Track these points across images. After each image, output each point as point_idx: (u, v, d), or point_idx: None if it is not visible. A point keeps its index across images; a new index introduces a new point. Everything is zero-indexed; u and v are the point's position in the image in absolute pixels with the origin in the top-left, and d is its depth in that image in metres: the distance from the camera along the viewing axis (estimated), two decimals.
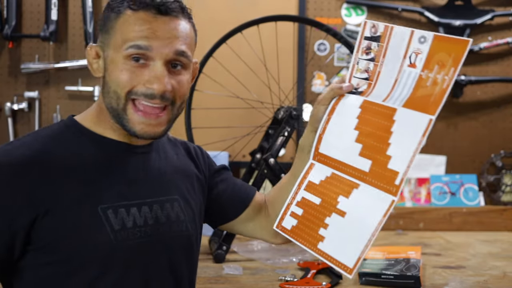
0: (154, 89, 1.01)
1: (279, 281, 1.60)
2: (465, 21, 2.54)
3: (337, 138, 1.19)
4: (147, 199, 1.09)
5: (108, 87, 1.04)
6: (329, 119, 1.20)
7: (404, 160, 1.11)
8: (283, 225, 1.21)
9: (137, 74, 1.02)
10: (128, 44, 1.01)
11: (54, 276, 1.00)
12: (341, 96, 1.18)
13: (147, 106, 1.03)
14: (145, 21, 1.01)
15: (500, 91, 2.61)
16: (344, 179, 1.18)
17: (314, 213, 1.19)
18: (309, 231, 1.17)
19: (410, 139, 1.09)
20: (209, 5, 2.45)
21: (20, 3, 2.45)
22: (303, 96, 2.50)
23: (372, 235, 1.09)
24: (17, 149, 1.01)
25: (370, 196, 1.12)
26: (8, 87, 2.47)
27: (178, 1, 1.05)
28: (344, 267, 1.10)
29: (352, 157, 1.16)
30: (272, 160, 1.90)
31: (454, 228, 2.49)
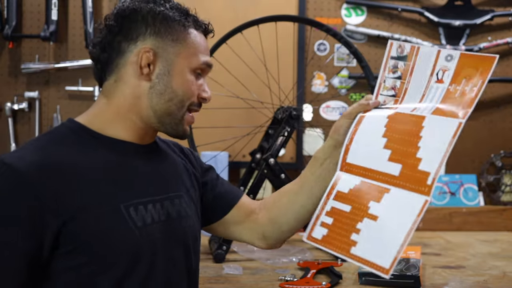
0: (206, 101, 1.18)
1: (279, 281, 1.60)
2: (465, 21, 2.54)
3: (365, 146, 1.22)
4: (158, 196, 1.13)
5: (169, 92, 1.11)
6: (356, 130, 1.23)
7: (435, 161, 1.17)
8: (313, 236, 1.24)
9: (197, 86, 1.15)
10: (201, 60, 1.14)
11: (82, 278, 1.01)
12: (367, 110, 1.22)
13: (195, 112, 1.18)
14: (205, 41, 1.18)
15: (500, 91, 2.61)
16: (374, 185, 1.19)
17: (345, 220, 1.20)
18: (340, 238, 1.19)
19: (439, 141, 1.15)
20: (209, 5, 2.45)
21: (20, 3, 2.45)
22: (303, 96, 2.51)
23: (407, 235, 1.10)
24: (32, 155, 1.00)
25: (402, 198, 1.14)
26: (9, 87, 2.47)
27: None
28: (380, 268, 1.11)
29: (381, 163, 1.19)
30: (272, 160, 1.90)
31: (454, 228, 2.49)
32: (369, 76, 2.15)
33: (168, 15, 1.12)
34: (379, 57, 2.57)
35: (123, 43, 1.11)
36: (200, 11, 2.66)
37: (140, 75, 1.10)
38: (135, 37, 1.10)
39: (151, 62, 1.10)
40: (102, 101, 1.13)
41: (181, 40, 1.12)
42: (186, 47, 1.12)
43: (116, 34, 1.11)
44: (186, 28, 1.13)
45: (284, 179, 1.91)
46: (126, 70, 1.11)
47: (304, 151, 2.51)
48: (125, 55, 1.11)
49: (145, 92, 1.11)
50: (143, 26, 1.11)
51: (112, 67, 1.12)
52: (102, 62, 1.13)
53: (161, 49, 1.11)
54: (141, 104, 1.11)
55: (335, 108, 2.54)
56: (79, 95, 2.49)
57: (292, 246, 2.03)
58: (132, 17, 1.11)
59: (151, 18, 1.11)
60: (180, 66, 1.12)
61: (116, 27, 1.11)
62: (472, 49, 2.52)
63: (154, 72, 1.11)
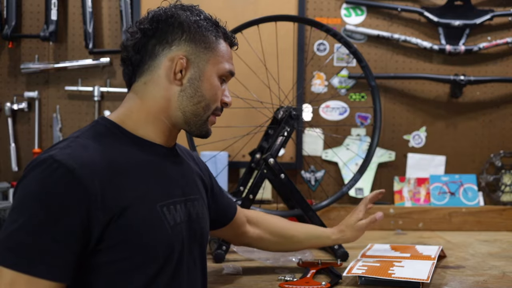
0: (227, 105, 1.28)
1: (278, 281, 1.60)
2: (465, 21, 2.54)
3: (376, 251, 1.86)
4: (183, 197, 1.21)
5: (198, 96, 1.19)
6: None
7: (432, 251, 1.80)
8: (353, 272, 1.57)
9: (221, 92, 1.24)
10: (227, 68, 1.23)
11: (121, 272, 1.06)
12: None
13: (217, 115, 1.27)
14: (230, 51, 1.26)
15: (499, 91, 2.61)
16: (390, 261, 1.68)
17: (378, 267, 1.62)
18: (380, 271, 1.57)
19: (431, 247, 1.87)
20: (209, 5, 2.45)
21: (20, 3, 2.45)
22: (303, 96, 2.51)
23: (432, 264, 1.63)
24: (81, 153, 1.03)
25: (416, 263, 1.68)
26: (8, 87, 2.47)
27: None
28: (419, 280, 1.50)
29: (392, 254, 1.80)
30: (272, 160, 1.90)
31: (454, 228, 2.49)
32: (369, 76, 2.15)
33: (202, 24, 1.20)
34: (379, 57, 2.57)
35: (158, 47, 1.16)
36: None
37: (173, 80, 1.16)
38: (170, 41, 1.16)
39: (184, 68, 1.16)
40: (133, 101, 1.18)
41: (212, 48, 1.20)
42: (216, 55, 1.21)
43: (151, 37, 1.16)
44: (217, 38, 1.21)
45: (283, 179, 1.91)
46: (159, 73, 1.16)
47: (304, 151, 2.51)
48: (159, 58, 1.16)
49: (176, 95, 1.17)
50: (179, 32, 1.17)
51: (144, 69, 1.17)
52: (133, 63, 1.18)
53: (194, 56, 1.18)
54: (171, 106, 1.18)
55: (335, 108, 2.54)
56: (79, 95, 2.49)
57: None
58: (168, 22, 1.17)
59: (187, 25, 1.17)
60: (209, 72, 1.20)
61: (151, 30, 1.16)
62: (472, 49, 2.52)
63: (186, 76, 1.17)
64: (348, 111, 2.55)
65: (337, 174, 2.55)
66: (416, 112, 2.60)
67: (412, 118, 2.60)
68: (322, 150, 2.54)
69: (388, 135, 2.58)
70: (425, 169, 2.58)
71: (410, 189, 2.56)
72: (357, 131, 2.55)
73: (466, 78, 2.52)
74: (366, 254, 1.80)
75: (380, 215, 1.73)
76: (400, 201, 2.55)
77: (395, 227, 2.48)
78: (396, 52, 2.58)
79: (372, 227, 2.46)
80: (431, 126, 2.60)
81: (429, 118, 2.60)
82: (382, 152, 2.56)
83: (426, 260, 1.69)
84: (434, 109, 2.60)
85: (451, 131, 2.61)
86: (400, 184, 2.57)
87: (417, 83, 2.58)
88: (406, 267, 1.60)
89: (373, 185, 2.55)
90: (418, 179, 2.57)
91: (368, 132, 2.54)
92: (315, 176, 2.53)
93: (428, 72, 2.59)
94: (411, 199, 2.55)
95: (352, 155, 2.50)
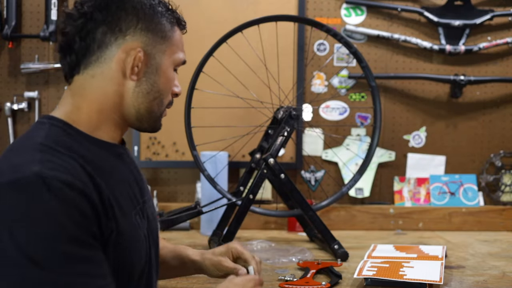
0: (177, 96, 1.15)
1: (278, 281, 1.60)
2: (465, 21, 2.54)
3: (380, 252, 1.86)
4: (141, 199, 1.11)
5: (155, 92, 1.07)
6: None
7: (438, 251, 1.82)
8: (364, 273, 1.57)
9: (174, 83, 1.12)
10: (182, 57, 1.11)
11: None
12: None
13: (169, 107, 1.14)
14: (182, 38, 1.13)
15: (499, 91, 2.61)
16: (398, 262, 1.69)
17: (388, 269, 1.61)
18: (390, 274, 1.56)
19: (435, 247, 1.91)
20: (209, 5, 2.45)
21: (20, 3, 2.45)
22: (303, 96, 2.51)
23: (441, 265, 1.64)
24: (64, 163, 0.90)
25: (424, 264, 1.68)
26: (8, 87, 2.47)
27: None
28: (432, 281, 1.51)
29: (399, 254, 1.83)
30: (272, 160, 1.90)
31: (454, 228, 2.49)
32: (369, 77, 2.15)
33: (158, 11, 1.05)
34: (379, 57, 2.57)
35: (109, 35, 1.01)
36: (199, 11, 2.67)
37: (129, 75, 1.03)
38: (124, 29, 1.01)
39: (141, 62, 1.03)
40: (80, 98, 1.02)
41: (168, 37, 1.07)
42: (172, 44, 1.08)
43: (100, 23, 1.00)
44: (172, 25, 1.08)
45: (283, 179, 1.91)
46: (111, 66, 1.02)
47: (304, 151, 2.51)
48: (110, 49, 1.01)
49: (130, 91, 1.04)
50: (134, 19, 1.02)
51: (91, 60, 1.02)
52: (77, 53, 1.01)
53: (151, 47, 1.04)
54: (124, 103, 1.05)
55: (335, 108, 2.54)
56: None
57: (292, 246, 2.03)
58: (120, 6, 1.02)
59: (142, 11, 1.03)
60: (166, 65, 1.08)
61: (100, 14, 1.00)
62: (472, 49, 2.52)
63: (142, 71, 1.04)
64: (348, 111, 2.55)
65: (337, 174, 2.55)
66: (416, 112, 2.60)
67: (412, 118, 2.60)
68: (322, 150, 2.54)
69: (388, 135, 2.58)
70: (425, 169, 2.58)
71: (410, 189, 2.56)
72: (357, 131, 2.55)
73: (466, 78, 2.52)
74: (372, 255, 1.80)
75: (242, 273, 1.24)
76: (400, 201, 2.55)
77: (395, 227, 2.48)
78: (396, 52, 2.58)
79: (372, 227, 2.47)
80: (431, 126, 2.60)
81: (429, 118, 2.60)
82: (382, 152, 2.56)
83: (434, 261, 1.69)
84: (434, 109, 2.60)
85: (451, 131, 2.61)
86: (400, 184, 2.57)
87: (417, 83, 2.58)
88: (416, 268, 1.60)
89: (373, 185, 2.55)
90: (418, 179, 2.57)
91: (368, 132, 2.54)
92: (315, 176, 2.53)
93: (428, 72, 2.59)
94: (411, 199, 2.55)
95: (352, 155, 2.50)
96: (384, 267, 1.61)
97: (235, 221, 1.91)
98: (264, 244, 2.03)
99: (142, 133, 2.40)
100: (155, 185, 2.46)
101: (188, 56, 2.52)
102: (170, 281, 1.60)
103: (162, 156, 2.45)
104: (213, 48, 2.02)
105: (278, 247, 2.00)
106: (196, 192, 2.44)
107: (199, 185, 2.41)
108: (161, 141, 2.43)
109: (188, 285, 1.58)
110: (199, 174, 2.40)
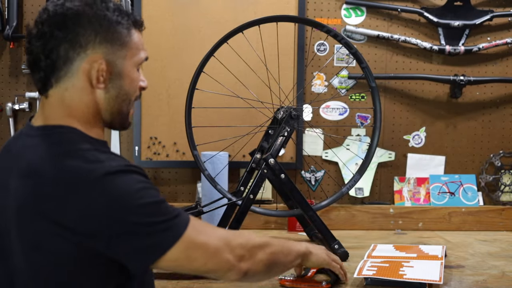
0: (145, 89, 1.22)
1: (279, 281, 1.61)
2: (464, 22, 2.55)
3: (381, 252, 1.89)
4: None
5: (123, 94, 1.15)
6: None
7: (437, 250, 1.83)
8: (364, 273, 1.59)
9: (138, 79, 1.19)
10: (143, 56, 1.17)
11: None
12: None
13: (137, 100, 1.22)
14: (141, 36, 1.19)
15: (499, 91, 2.62)
16: (398, 261, 1.70)
17: (387, 268, 1.62)
18: (390, 273, 1.58)
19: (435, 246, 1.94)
20: (209, 5, 2.46)
21: (21, 4, 2.45)
22: (303, 96, 2.51)
23: (441, 265, 1.65)
24: (114, 160, 1.06)
25: (424, 263, 1.69)
26: (9, 88, 2.47)
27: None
28: (432, 281, 1.52)
29: (398, 254, 1.84)
30: (272, 160, 1.91)
31: (453, 228, 2.50)
32: (369, 77, 2.16)
33: (113, 20, 1.12)
34: (379, 58, 2.57)
35: (71, 52, 1.08)
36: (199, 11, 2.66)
37: (95, 84, 1.11)
38: (84, 44, 1.09)
39: (104, 71, 1.11)
40: (60, 110, 1.11)
41: (126, 42, 1.14)
42: (131, 47, 1.15)
43: (61, 41, 1.08)
44: (128, 30, 1.15)
45: (284, 179, 1.92)
46: (79, 77, 1.10)
47: (304, 151, 2.51)
48: (75, 63, 1.09)
49: (101, 98, 1.13)
50: (92, 34, 1.09)
51: (60, 75, 1.10)
52: (45, 70, 1.09)
53: (111, 55, 1.12)
54: (100, 109, 1.14)
55: (335, 108, 2.55)
56: None
57: None
58: (76, 22, 1.08)
59: (98, 23, 1.10)
60: (128, 68, 1.15)
61: (59, 32, 1.08)
62: (472, 49, 2.53)
63: (107, 79, 1.12)
64: (348, 111, 2.55)
65: (337, 174, 2.55)
66: (416, 112, 2.60)
67: (411, 118, 2.60)
68: (322, 150, 2.55)
69: (388, 135, 2.59)
70: (425, 169, 2.59)
71: (410, 189, 2.57)
72: (357, 131, 2.55)
73: (466, 78, 2.53)
74: (372, 255, 1.81)
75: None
76: (400, 201, 2.55)
77: (395, 227, 2.48)
78: (396, 53, 2.58)
79: (372, 227, 2.48)
80: (431, 126, 2.61)
81: (429, 118, 2.61)
82: (382, 152, 2.57)
83: (433, 260, 1.70)
84: (434, 109, 2.61)
85: (451, 131, 2.62)
86: (400, 184, 2.58)
87: (417, 83, 2.59)
88: (415, 268, 1.61)
89: (373, 185, 2.56)
90: (418, 179, 2.58)
91: (368, 132, 2.54)
92: (315, 176, 2.54)
93: (428, 72, 2.59)
94: (411, 199, 2.56)
95: (352, 155, 2.51)
96: (384, 267, 1.62)
97: (236, 221, 1.91)
98: None
99: (142, 134, 2.41)
100: (156, 185, 2.46)
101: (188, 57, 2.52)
102: (171, 281, 1.61)
103: (162, 156, 2.45)
104: (213, 49, 2.02)
105: None
106: (197, 192, 2.45)
107: (200, 185, 2.41)
108: (161, 141, 2.44)
109: (188, 285, 1.59)
110: (199, 174, 2.41)
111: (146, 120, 2.42)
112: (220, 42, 2.03)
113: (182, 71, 2.42)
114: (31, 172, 1.04)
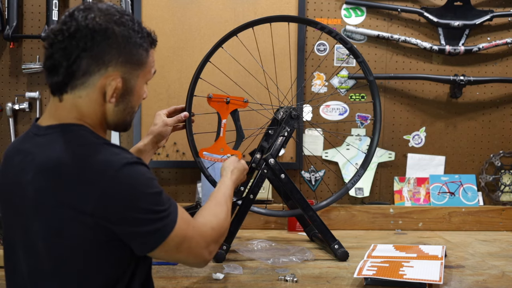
0: (145, 98, 1.31)
1: (278, 281, 1.61)
2: (464, 22, 2.55)
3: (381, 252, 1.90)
4: None
5: (129, 108, 1.23)
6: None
7: (437, 250, 1.85)
8: (364, 273, 1.58)
9: (144, 93, 1.29)
10: (152, 74, 1.26)
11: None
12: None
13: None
14: (154, 54, 1.27)
15: (499, 91, 2.62)
16: (398, 261, 1.71)
17: (387, 268, 1.63)
18: (390, 273, 1.58)
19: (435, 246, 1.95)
20: (209, 5, 2.46)
21: (21, 4, 2.45)
22: (303, 96, 2.51)
23: (441, 265, 1.66)
24: (124, 153, 1.14)
25: (424, 263, 1.70)
26: (9, 88, 2.48)
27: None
28: (432, 281, 1.52)
29: (398, 254, 1.84)
30: (272, 160, 1.91)
31: (453, 227, 2.50)
32: (366, 72, 2.14)
33: (137, 43, 1.18)
34: (379, 57, 2.57)
35: (93, 66, 1.13)
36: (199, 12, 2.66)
37: (109, 99, 1.17)
38: (107, 62, 1.14)
39: (120, 89, 1.18)
40: (73, 113, 1.17)
41: (143, 63, 1.22)
42: (146, 67, 1.23)
43: (86, 54, 1.12)
44: (147, 52, 1.22)
45: (284, 179, 1.92)
46: (94, 90, 1.16)
47: (304, 150, 2.52)
48: (94, 76, 1.14)
49: (110, 110, 1.20)
50: (116, 53, 1.15)
51: (76, 84, 1.15)
52: (64, 75, 1.14)
53: (128, 74, 1.18)
54: (107, 117, 1.21)
55: (335, 108, 2.55)
56: None
57: (292, 245, 2.04)
58: (104, 39, 1.13)
59: (123, 44, 1.16)
60: (140, 85, 1.23)
61: (86, 46, 1.12)
62: (472, 49, 2.53)
63: (119, 94, 1.19)
64: (348, 111, 2.56)
65: (338, 174, 2.56)
66: (416, 112, 2.60)
67: (412, 118, 2.60)
68: (322, 150, 2.55)
69: (388, 135, 2.59)
70: (424, 169, 2.59)
71: (410, 189, 2.57)
72: (357, 131, 2.56)
73: (466, 78, 2.53)
74: (372, 255, 1.81)
75: (185, 114, 1.88)
76: (400, 201, 2.55)
77: (395, 227, 2.48)
78: (396, 53, 2.58)
79: (372, 227, 2.47)
80: (431, 126, 2.61)
81: (429, 118, 2.61)
82: (382, 152, 2.57)
83: (433, 260, 1.70)
84: (434, 109, 2.61)
85: (451, 131, 2.62)
86: (400, 184, 2.58)
87: (417, 83, 2.59)
88: (415, 268, 1.61)
89: (373, 185, 2.56)
90: (418, 179, 2.58)
91: (368, 132, 2.55)
92: (315, 176, 2.54)
93: (428, 72, 2.60)
94: (411, 199, 2.56)
95: (352, 155, 2.51)
96: (384, 267, 1.62)
97: (236, 220, 1.91)
98: (264, 243, 2.04)
99: (142, 134, 2.42)
100: None
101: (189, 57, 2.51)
102: (171, 280, 1.61)
103: (162, 156, 2.46)
104: (209, 54, 1.98)
105: (278, 247, 2.01)
106: (197, 192, 2.45)
107: (200, 185, 2.41)
108: None
109: (188, 285, 1.59)
110: (199, 174, 2.41)
111: (146, 120, 2.42)
112: (214, 48, 1.99)
113: (182, 71, 2.42)
114: (50, 166, 1.09)
